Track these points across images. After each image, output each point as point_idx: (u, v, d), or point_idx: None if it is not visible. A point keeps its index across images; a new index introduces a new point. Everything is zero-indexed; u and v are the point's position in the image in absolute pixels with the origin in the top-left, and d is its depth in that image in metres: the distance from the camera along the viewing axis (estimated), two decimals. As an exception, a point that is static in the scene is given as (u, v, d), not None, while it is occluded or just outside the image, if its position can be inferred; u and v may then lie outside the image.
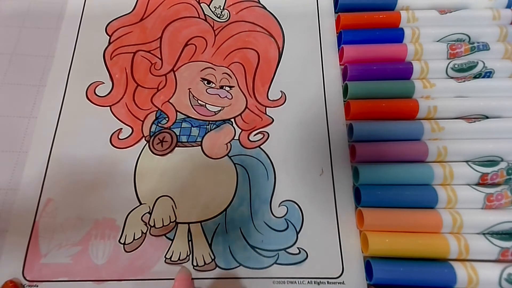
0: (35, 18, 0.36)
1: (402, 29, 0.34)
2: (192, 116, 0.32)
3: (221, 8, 0.37)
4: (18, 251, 0.27)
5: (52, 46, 0.35)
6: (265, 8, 0.37)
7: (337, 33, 0.36)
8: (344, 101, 0.33)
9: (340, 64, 0.35)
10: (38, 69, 0.34)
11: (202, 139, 0.31)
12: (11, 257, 0.27)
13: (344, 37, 0.35)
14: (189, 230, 0.29)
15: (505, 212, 0.27)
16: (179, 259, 0.28)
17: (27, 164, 0.30)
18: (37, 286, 0.27)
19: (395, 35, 0.34)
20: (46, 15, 0.36)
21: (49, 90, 0.33)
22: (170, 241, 0.28)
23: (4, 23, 0.36)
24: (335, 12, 0.37)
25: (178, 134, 0.32)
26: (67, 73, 0.34)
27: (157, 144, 0.31)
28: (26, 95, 0.33)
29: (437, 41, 0.34)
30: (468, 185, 0.29)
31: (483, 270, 0.26)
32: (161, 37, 0.35)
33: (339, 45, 0.35)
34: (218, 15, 0.37)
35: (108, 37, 0.35)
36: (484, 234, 0.27)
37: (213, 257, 0.28)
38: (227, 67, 0.34)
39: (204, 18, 0.36)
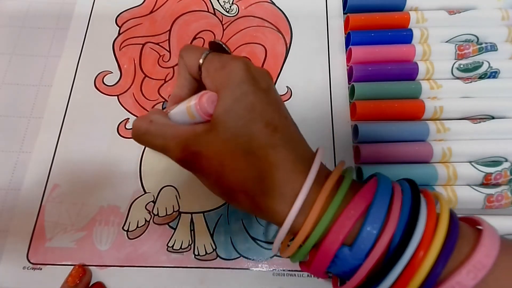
0: (35, 18, 0.36)
1: (410, 30, 0.34)
2: (198, 109, 0.33)
3: (230, 2, 0.37)
4: (24, 234, 0.28)
5: (52, 46, 0.35)
6: (274, 4, 0.37)
7: (345, 33, 0.36)
8: (350, 102, 0.33)
9: (347, 65, 0.35)
10: (38, 69, 0.34)
11: (208, 131, 0.32)
12: (17, 240, 0.28)
13: (353, 38, 0.34)
14: (191, 220, 0.29)
15: None
16: (181, 248, 0.28)
17: (35, 150, 0.31)
18: (41, 269, 0.27)
19: (404, 36, 0.34)
20: (46, 15, 0.36)
21: (59, 77, 0.33)
22: (173, 230, 0.29)
23: (4, 23, 0.36)
24: (344, 13, 0.37)
25: (184, 125, 0.32)
26: (77, 61, 0.34)
27: (163, 134, 0.31)
28: (26, 95, 0.33)
29: (446, 42, 0.34)
30: (469, 185, 0.29)
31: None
32: (170, 30, 0.36)
33: (347, 46, 0.35)
34: (227, 10, 0.37)
35: (118, 28, 0.36)
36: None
37: (214, 247, 0.28)
38: (234, 61, 0.34)
39: (213, 12, 0.37)
